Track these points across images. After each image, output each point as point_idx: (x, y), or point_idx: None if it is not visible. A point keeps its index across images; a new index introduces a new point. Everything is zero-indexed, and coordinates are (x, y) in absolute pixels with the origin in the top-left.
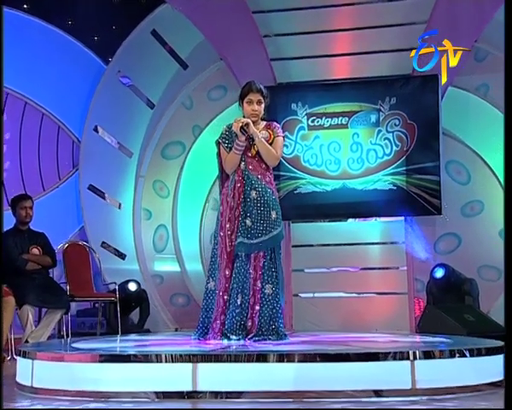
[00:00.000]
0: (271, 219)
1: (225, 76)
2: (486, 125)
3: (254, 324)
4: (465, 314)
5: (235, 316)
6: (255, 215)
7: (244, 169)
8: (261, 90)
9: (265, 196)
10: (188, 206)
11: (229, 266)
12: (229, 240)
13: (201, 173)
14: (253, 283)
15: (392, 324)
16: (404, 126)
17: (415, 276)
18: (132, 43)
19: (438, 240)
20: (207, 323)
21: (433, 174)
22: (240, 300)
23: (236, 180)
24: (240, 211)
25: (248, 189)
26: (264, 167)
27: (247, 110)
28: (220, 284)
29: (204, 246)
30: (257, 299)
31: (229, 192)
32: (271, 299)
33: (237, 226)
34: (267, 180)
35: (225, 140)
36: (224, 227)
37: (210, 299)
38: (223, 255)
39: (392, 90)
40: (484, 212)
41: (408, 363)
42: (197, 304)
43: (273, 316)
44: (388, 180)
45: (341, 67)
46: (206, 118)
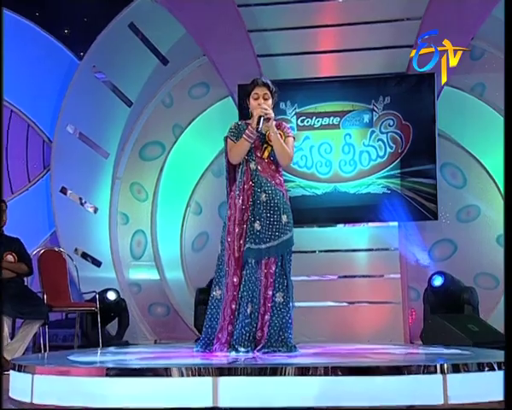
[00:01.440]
0: (282, 223)
1: (208, 73)
2: (483, 126)
3: (264, 334)
4: (468, 324)
5: (244, 326)
6: (264, 219)
7: (254, 170)
8: (267, 84)
9: (275, 199)
10: (168, 210)
11: (238, 274)
12: (237, 245)
13: (182, 176)
14: (263, 291)
15: (385, 335)
16: (398, 127)
17: (409, 284)
18: (108, 36)
19: (433, 246)
20: (212, 334)
21: (429, 177)
22: (250, 309)
23: (245, 182)
24: (248, 215)
25: (258, 191)
26: (273, 169)
27: (254, 105)
28: (228, 293)
29: (185, 252)
30: (267, 308)
31: (238, 195)
32: (282, 308)
33: (246, 231)
34: (277, 182)
35: (233, 134)
36: (231, 232)
37: (215, 308)
38: (230, 262)
39: (386, 88)
40: (480, 217)
41: (439, 377)
42: (177, 314)
43: (283, 326)
44: (382, 184)
45: (333, 64)
46: (187, 117)
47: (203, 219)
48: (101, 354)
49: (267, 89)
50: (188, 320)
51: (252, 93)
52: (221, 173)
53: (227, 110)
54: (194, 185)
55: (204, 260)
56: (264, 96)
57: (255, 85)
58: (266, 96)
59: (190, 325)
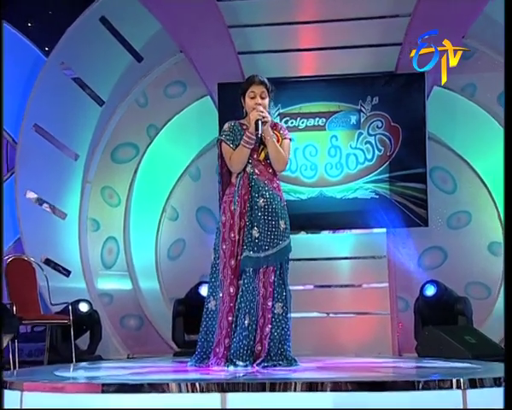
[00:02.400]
0: (280, 229)
1: (185, 71)
2: (474, 128)
3: (264, 347)
4: (465, 336)
5: (242, 339)
6: (263, 225)
7: (251, 173)
8: (265, 82)
9: (273, 204)
10: (142, 216)
11: (234, 283)
12: (233, 253)
13: (157, 179)
14: (262, 301)
15: (372, 347)
16: (387, 129)
17: (397, 294)
18: (78, 31)
19: (422, 254)
20: (208, 347)
21: (419, 182)
22: (247, 321)
23: (242, 186)
24: (246, 221)
25: (256, 195)
26: (271, 172)
27: (250, 105)
28: (224, 304)
29: (160, 261)
30: (267, 319)
31: (235, 199)
32: (282, 319)
33: (243, 238)
34: (274, 186)
35: (229, 137)
36: (227, 239)
37: (211, 320)
38: (226, 271)
39: (374, 88)
40: (471, 223)
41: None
42: (152, 327)
43: (282, 339)
44: (370, 188)
45: (318, 62)
46: (162, 117)
47: (180, 225)
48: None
49: (264, 87)
50: (163, 333)
51: (248, 91)
52: (198, 177)
53: (205, 110)
54: (171, 190)
55: (181, 269)
56: (262, 94)
57: (252, 83)
58: (263, 94)
59: (166, 339)
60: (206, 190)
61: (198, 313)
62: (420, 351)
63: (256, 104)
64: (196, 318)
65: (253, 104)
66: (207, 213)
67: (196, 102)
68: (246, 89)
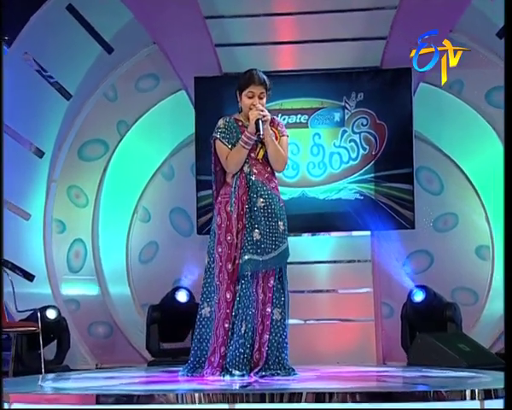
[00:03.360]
0: (279, 231)
1: (158, 63)
2: (461, 126)
3: (262, 356)
4: (459, 344)
5: (238, 347)
6: (264, 227)
7: (248, 173)
8: (265, 81)
9: (272, 205)
10: (111, 217)
11: (231, 289)
12: (230, 257)
13: (128, 178)
14: (261, 307)
15: (356, 355)
16: (372, 127)
17: (382, 300)
18: (42, 19)
19: (408, 258)
20: (202, 356)
21: (406, 182)
22: (244, 328)
23: (239, 186)
24: (244, 223)
25: (254, 196)
26: (269, 171)
27: (247, 104)
28: (220, 311)
29: (131, 265)
30: (266, 326)
31: (232, 200)
32: (280, 326)
33: (241, 241)
34: (272, 186)
35: (225, 135)
36: (223, 241)
37: (205, 328)
38: (222, 276)
39: (358, 84)
40: (458, 226)
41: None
42: (122, 334)
43: (280, 346)
44: (354, 189)
45: (300, 56)
46: (133, 113)
47: (152, 227)
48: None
49: (264, 88)
50: (134, 341)
51: (246, 90)
52: (172, 176)
53: (180, 105)
54: (142, 189)
55: (153, 274)
56: (260, 95)
57: (251, 83)
58: (262, 95)
59: (138, 347)
60: (180, 190)
61: (174, 319)
62: (411, 359)
63: (253, 105)
64: (172, 325)
65: (250, 105)
66: (181, 215)
67: (170, 96)
68: (243, 87)
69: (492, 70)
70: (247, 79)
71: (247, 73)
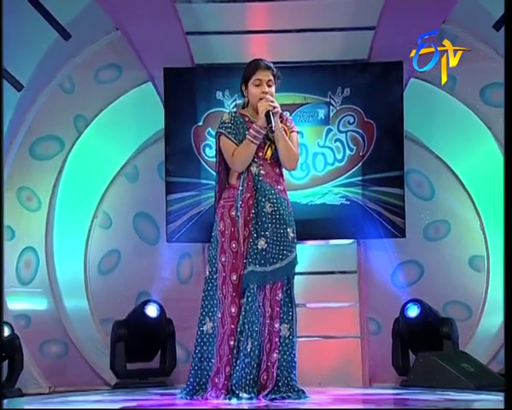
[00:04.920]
0: (288, 239)
1: (121, 52)
2: (453, 125)
3: (271, 377)
4: (462, 363)
5: (244, 367)
6: (270, 235)
7: (256, 174)
8: (271, 67)
9: (281, 210)
10: (67, 223)
11: (236, 302)
12: (235, 267)
13: (87, 180)
14: (269, 323)
15: (339, 376)
16: (359, 125)
17: (369, 315)
18: None
19: (396, 269)
20: (202, 377)
21: (396, 186)
22: (250, 345)
23: (245, 189)
24: (250, 229)
25: (262, 200)
26: (278, 172)
27: (255, 94)
28: (224, 326)
29: (90, 276)
30: (274, 344)
31: (238, 204)
32: (288, 343)
33: (247, 250)
34: (281, 188)
35: (231, 130)
36: (227, 250)
37: (206, 345)
38: (226, 288)
39: (345, 78)
40: (451, 234)
41: None
42: (79, 353)
43: (288, 366)
44: (340, 193)
45: (281, 46)
46: (93, 106)
47: (113, 233)
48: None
49: (271, 73)
50: (93, 361)
51: (252, 79)
52: (136, 177)
53: (146, 99)
54: (103, 192)
55: (114, 286)
56: (268, 82)
57: (257, 69)
58: (270, 82)
59: (97, 368)
60: (145, 193)
61: (143, 336)
62: (411, 380)
63: (263, 93)
64: (141, 343)
65: (260, 93)
66: (147, 220)
67: (135, 89)
68: (249, 76)
69: (488, 65)
70: (252, 66)
71: (251, 62)
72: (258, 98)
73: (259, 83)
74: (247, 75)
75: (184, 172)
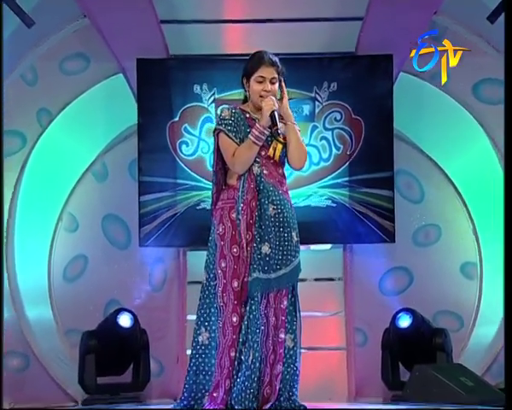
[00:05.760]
0: (293, 243)
1: (89, 41)
2: (444, 122)
3: (274, 390)
4: (460, 377)
5: (244, 381)
6: (274, 239)
7: (258, 175)
8: (276, 63)
9: (284, 212)
10: (30, 225)
11: (238, 311)
12: (236, 274)
13: (51, 179)
14: (273, 333)
15: (323, 390)
16: (347, 122)
17: (355, 325)
18: None
19: (384, 276)
20: (197, 391)
21: (385, 188)
22: (251, 357)
23: (247, 190)
24: (253, 234)
25: (265, 202)
26: (281, 173)
27: (257, 91)
28: (225, 337)
29: (54, 283)
30: (279, 355)
31: (239, 206)
32: (292, 355)
33: (250, 255)
34: (284, 190)
35: (231, 128)
36: (227, 255)
37: (202, 357)
38: (227, 296)
39: (331, 72)
40: (441, 240)
41: None
42: (42, 366)
43: (291, 379)
44: (326, 194)
45: (264, 38)
46: (58, 100)
47: (80, 237)
48: None
49: (275, 70)
50: (58, 376)
51: (255, 74)
52: (105, 176)
53: (116, 92)
54: (69, 192)
55: (81, 293)
56: (272, 80)
57: (260, 64)
58: (274, 80)
59: (61, 383)
60: (114, 194)
61: (115, 348)
62: (408, 394)
63: (264, 91)
64: (113, 355)
65: (261, 91)
66: (116, 223)
67: (104, 81)
68: (252, 71)
69: (481, 59)
70: (255, 60)
71: (255, 54)
72: (259, 96)
73: (262, 80)
74: (250, 70)
75: (159, 171)
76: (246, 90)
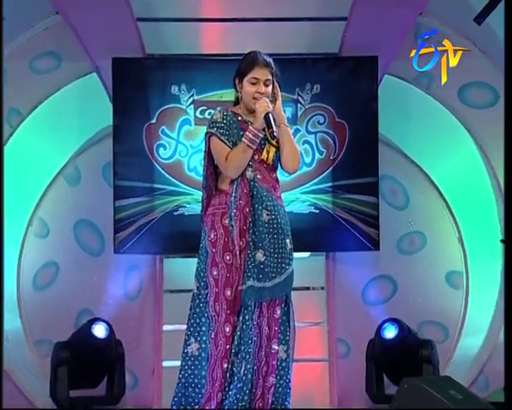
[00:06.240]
0: (286, 250)
1: (61, 38)
2: (430, 127)
3: (266, 403)
4: (450, 390)
5: (236, 393)
6: (268, 246)
7: (251, 179)
8: (270, 64)
9: (278, 218)
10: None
11: (231, 321)
12: (229, 282)
13: (21, 182)
14: (266, 344)
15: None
16: (330, 126)
17: (338, 335)
18: None
19: (367, 285)
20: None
21: (370, 194)
22: (243, 369)
23: (240, 195)
24: (247, 241)
25: (259, 208)
26: (274, 177)
27: (250, 93)
28: (217, 348)
29: (23, 291)
30: (272, 367)
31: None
32: (285, 366)
33: (244, 263)
34: (278, 195)
35: (224, 131)
36: (219, 263)
37: (191, 369)
38: (219, 305)
39: (315, 74)
40: (426, 247)
41: None
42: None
43: (284, 392)
44: (308, 200)
45: (244, 37)
46: (28, 100)
47: (51, 243)
48: None
49: (269, 72)
50: (27, 388)
51: (248, 76)
52: (78, 180)
53: (90, 92)
54: (40, 197)
55: (52, 302)
56: (266, 82)
57: (254, 66)
58: (268, 82)
59: (30, 396)
60: (87, 198)
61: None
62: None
63: (258, 93)
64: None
65: (255, 93)
66: (89, 229)
67: (77, 80)
68: (245, 71)
69: (468, 61)
70: (249, 61)
71: (248, 54)
72: (252, 98)
73: (256, 81)
74: (243, 70)
75: (135, 175)
76: (238, 91)
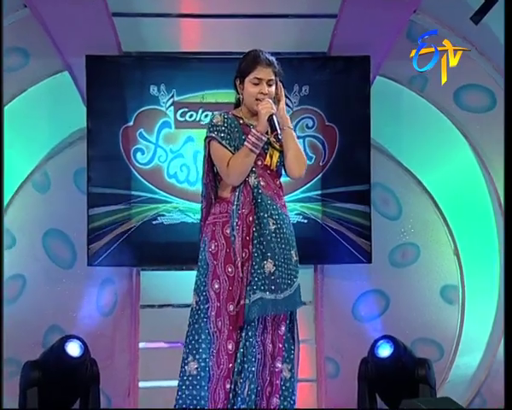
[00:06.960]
0: (292, 262)
1: (29, 34)
2: (423, 131)
3: None
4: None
5: None
6: (278, 256)
7: (255, 186)
8: (274, 63)
9: (284, 228)
10: None
11: (233, 337)
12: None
13: None
14: (270, 362)
15: None
16: (319, 130)
17: (327, 354)
18: None
19: (358, 300)
20: None
21: (361, 203)
22: (247, 389)
23: (242, 203)
24: (250, 251)
25: (264, 216)
26: (278, 184)
27: (252, 93)
28: (219, 367)
29: None
30: (275, 387)
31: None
32: (289, 386)
33: (247, 275)
34: (282, 203)
35: (224, 135)
36: (220, 275)
37: (189, 390)
38: (222, 320)
39: (302, 74)
40: (420, 260)
41: None
42: None
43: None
44: (296, 209)
45: (227, 34)
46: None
47: (17, 255)
48: None
49: (272, 71)
50: None
51: (250, 76)
52: (47, 187)
53: (61, 92)
54: (5, 205)
55: (18, 318)
56: (269, 82)
57: (256, 65)
58: (271, 82)
59: None
60: (57, 207)
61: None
62: None
63: (261, 94)
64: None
65: (258, 94)
66: (59, 239)
67: (47, 79)
68: (247, 71)
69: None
70: (250, 60)
71: (249, 53)
72: (255, 99)
73: (258, 82)
74: (245, 70)
75: (110, 181)
76: (239, 92)
